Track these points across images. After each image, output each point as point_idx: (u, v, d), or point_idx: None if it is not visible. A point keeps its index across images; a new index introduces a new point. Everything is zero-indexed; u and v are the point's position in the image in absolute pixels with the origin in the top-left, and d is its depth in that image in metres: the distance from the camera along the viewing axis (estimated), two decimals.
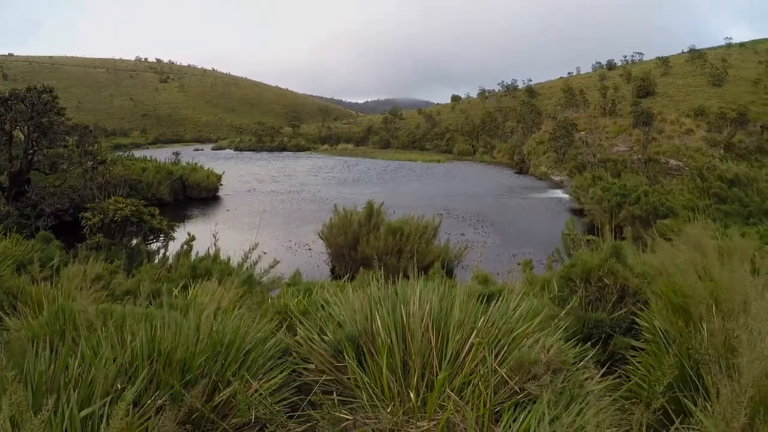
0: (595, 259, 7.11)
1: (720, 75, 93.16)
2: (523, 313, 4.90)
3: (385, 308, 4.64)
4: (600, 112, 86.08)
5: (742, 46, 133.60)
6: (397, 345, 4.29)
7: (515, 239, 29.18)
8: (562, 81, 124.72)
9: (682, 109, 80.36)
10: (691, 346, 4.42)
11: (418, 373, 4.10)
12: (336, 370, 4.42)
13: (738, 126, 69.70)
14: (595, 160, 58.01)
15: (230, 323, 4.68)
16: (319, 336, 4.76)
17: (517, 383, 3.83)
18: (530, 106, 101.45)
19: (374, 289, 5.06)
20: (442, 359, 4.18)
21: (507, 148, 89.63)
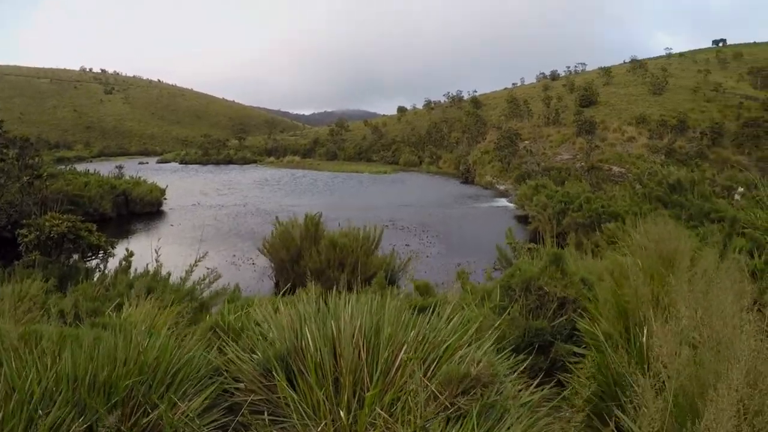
0: (534, 268, 7.13)
1: (660, 84, 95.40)
2: (455, 325, 4.88)
3: (315, 324, 4.59)
4: (544, 121, 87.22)
5: (681, 56, 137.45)
6: (327, 362, 4.23)
7: (460, 248, 29.26)
8: (507, 92, 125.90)
9: (624, 117, 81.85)
10: (618, 352, 4.46)
11: (349, 391, 4.05)
12: (266, 389, 4.35)
13: (678, 133, 71.32)
14: (539, 169, 58.66)
15: (159, 343, 4.58)
16: (249, 354, 4.70)
17: (447, 398, 3.80)
18: (475, 117, 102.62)
19: (305, 305, 5.01)
20: (373, 375, 4.14)
21: (453, 158, 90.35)
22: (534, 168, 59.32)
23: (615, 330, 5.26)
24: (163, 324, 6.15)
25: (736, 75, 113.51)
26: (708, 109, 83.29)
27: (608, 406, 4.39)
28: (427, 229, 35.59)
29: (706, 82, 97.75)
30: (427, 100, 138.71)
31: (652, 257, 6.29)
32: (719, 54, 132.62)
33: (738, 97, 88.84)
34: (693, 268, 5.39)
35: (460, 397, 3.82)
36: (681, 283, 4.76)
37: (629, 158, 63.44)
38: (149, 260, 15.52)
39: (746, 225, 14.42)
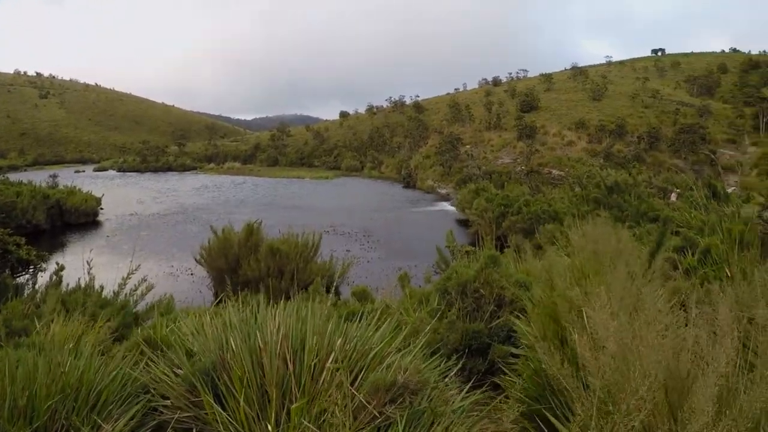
0: (471, 271, 7.13)
1: (600, 90, 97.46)
2: (384, 331, 4.84)
3: (241, 335, 4.51)
4: (485, 126, 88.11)
5: (621, 64, 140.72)
6: (253, 374, 4.16)
7: (402, 253, 29.38)
8: (449, 97, 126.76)
9: (564, 122, 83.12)
10: (550, 353, 4.47)
11: (276, 403, 3.96)
12: (194, 406, 4.24)
13: (617, 137, 72.81)
14: (480, 173, 59.10)
15: (82, 361, 4.46)
16: (174, 370, 4.60)
17: (375, 407, 3.76)
18: (417, 122, 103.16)
19: (231, 316, 4.92)
20: (301, 387, 4.09)
21: (395, 162, 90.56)
22: (475, 172, 59.74)
23: (549, 331, 5.29)
24: (90, 341, 6.00)
25: (674, 83, 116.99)
26: (646, 115, 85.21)
27: (541, 408, 4.39)
28: (368, 234, 35.65)
29: (645, 89, 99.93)
30: (370, 105, 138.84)
31: (589, 257, 6.35)
32: (658, 63, 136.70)
33: (675, 103, 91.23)
34: (628, 267, 5.43)
35: (389, 405, 3.76)
36: (612, 282, 4.79)
37: (569, 162, 64.48)
38: (83, 274, 15.13)
39: (681, 224, 14.66)
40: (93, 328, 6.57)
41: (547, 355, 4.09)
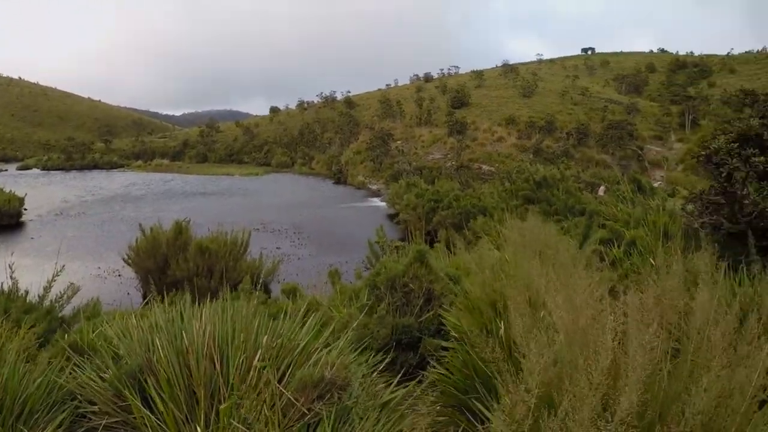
0: (399, 265, 7.17)
1: (530, 87, 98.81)
2: (310, 327, 4.84)
3: (167, 337, 4.46)
4: (416, 122, 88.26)
5: (551, 62, 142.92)
6: (180, 375, 4.11)
7: (333, 249, 29.35)
8: (381, 92, 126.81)
9: (494, 118, 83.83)
10: (477, 345, 4.53)
11: (205, 404, 3.94)
12: (122, 410, 4.18)
13: (546, 133, 73.79)
14: (410, 168, 59.29)
15: (7, 369, 4.36)
16: (100, 374, 4.53)
17: (303, 404, 3.76)
18: (348, 117, 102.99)
19: (157, 317, 4.86)
20: (229, 386, 4.07)
21: (325, 158, 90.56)
22: (406, 167, 59.95)
23: (477, 323, 5.36)
24: (14, 348, 5.87)
25: (603, 81, 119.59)
26: (575, 112, 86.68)
27: (469, 398, 4.44)
28: (299, 231, 35.50)
29: (574, 87, 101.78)
30: (301, 100, 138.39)
31: (518, 250, 6.44)
32: (587, 61, 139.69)
33: (603, 101, 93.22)
34: (555, 259, 5.52)
35: (317, 401, 3.77)
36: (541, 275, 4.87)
37: (498, 157, 65.24)
38: (5, 278, 14.67)
39: (608, 218, 14.93)
40: (17, 334, 6.44)
41: (480, 342, 4.17)
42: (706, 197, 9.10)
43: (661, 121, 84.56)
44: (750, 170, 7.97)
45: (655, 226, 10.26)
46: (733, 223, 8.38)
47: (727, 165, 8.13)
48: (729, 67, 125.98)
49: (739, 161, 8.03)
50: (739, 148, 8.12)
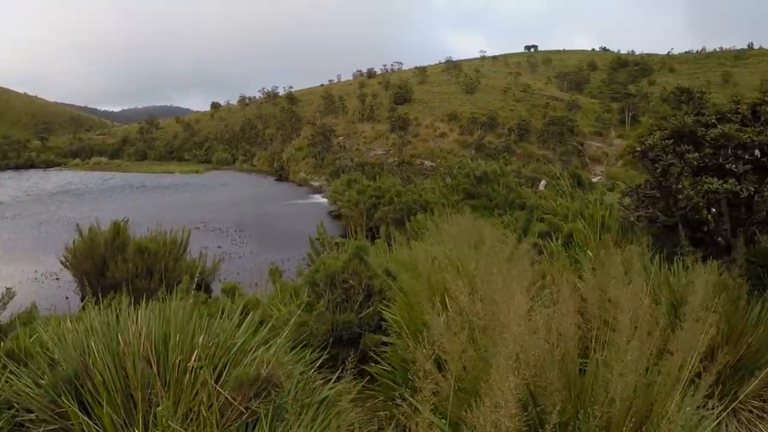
0: (339, 262, 7.18)
1: (473, 84, 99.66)
2: (247, 325, 4.82)
3: (103, 340, 4.39)
4: (359, 118, 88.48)
5: (495, 59, 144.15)
6: (117, 378, 4.06)
7: (274, 247, 29.15)
8: (323, 88, 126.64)
9: (437, 114, 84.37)
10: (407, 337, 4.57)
11: (143, 407, 3.90)
12: (59, 417, 4.11)
13: (488, 129, 74.58)
14: (352, 164, 59.34)
15: None
16: (36, 381, 4.44)
17: (241, 403, 3.75)
18: (290, 113, 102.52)
19: (93, 320, 4.78)
20: (166, 388, 4.02)
21: (267, 155, 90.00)
22: (348, 163, 59.99)
23: (416, 318, 5.41)
24: None
25: (545, 78, 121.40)
26: (517, 108, 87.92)
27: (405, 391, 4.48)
28: (240, 229, 35.26)
29: (517, 84, 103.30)
30: (242, 96, 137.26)
31: (458, 244, 6.51)
32: (530, 58, 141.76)
33: (545, 97, 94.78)
34: (493, 252, 5.59)
35: (255, 400, 3.76)
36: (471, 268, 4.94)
37: (440, 153, 65.70)
38: None
39: (548, 212, 15.13)
40: None
41: (405, 338, 4.19)
42: (642, 191, 9.30)
43: (601, 117, 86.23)
44: (684, 166, 8.15)
45: (592, 219, 10.47)
46: (668, 216, 8.57)
47: (662, 161, 8.31)
48: (669, 66, 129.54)
49: (673, 157, 8.20)
50: (673, 145, 8.29)
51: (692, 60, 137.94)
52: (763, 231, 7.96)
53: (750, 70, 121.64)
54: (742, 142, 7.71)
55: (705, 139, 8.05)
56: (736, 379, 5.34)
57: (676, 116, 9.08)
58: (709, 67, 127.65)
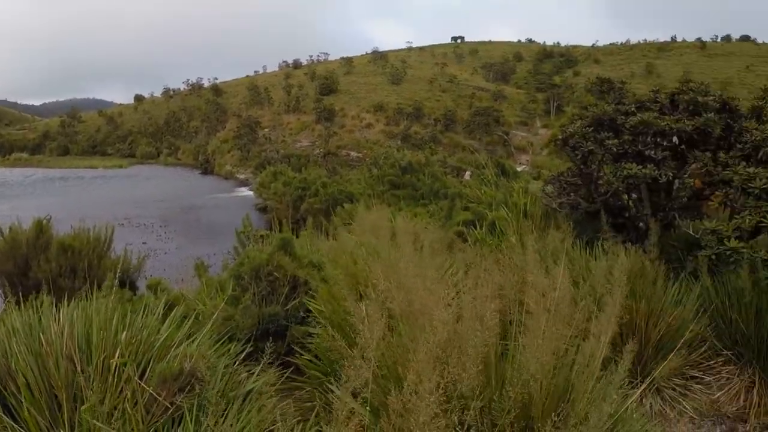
0: (263, 254, 7.16)
1: (399, 75, 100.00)
2: (171, 320, 4.78)
3: (25, 340, 4.31)
4: (284, 109, 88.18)
5: (421, 50, 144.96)
6: (41, 379, 3.99)
7: (200, 241, 28.91)
8: (249, 79, 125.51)
9: (363, 105, 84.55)
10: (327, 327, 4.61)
11: (68, 407, 3.84)
12: None
13: (414, 119, 74.94)
14: (278, 156, 59.13)
15: None
16: None
17: (166, 398, 3.71)
18: (215, 105, 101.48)
19: (14, 321, 4.69)
20: (91, 387, 3.96)
21: (192, 148, 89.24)
22: (274, 156, 59.76)
23: (336, 307, 5.45)
24: None
25: (471, 69, 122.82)
26: (443, 99, 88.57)
27: (329, 380, 4.50)
28: (165, 224, 34.85)
29: (443, 74, 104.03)
30: (166, 88, 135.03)
31: (381, 234, 6.54)
32: (457, 49, 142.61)
33: (471, 88, 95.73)
34: (416, 242, 5.65)
35: (179, 394, 3.73)
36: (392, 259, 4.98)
37: (367, 144, 65.88)
38: None
39: (473, 200, 15.27)
40: None
41: (329, 328, 4.21)
42: (564, 179, 9.50)
43: (527, 107, 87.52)
44: (605, 152, 8.34)
45: (516, 207, 10.64)
46: (589, 202, 8.77)
47: (582, 147, 8.48)
48: (594, 57, 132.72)
49: (594, 144, 8.39)
50: (594, 132, 8.48)
51: (616, 52, 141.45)
52: (683, 215, 8.17)
53: (672, 61, 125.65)
54: (660, 129, 7.94)
55: (625, 126, 8.26)
56: (658, 359, 5.50)
57: (597, 105, 9.28)
58: (633, 59, 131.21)
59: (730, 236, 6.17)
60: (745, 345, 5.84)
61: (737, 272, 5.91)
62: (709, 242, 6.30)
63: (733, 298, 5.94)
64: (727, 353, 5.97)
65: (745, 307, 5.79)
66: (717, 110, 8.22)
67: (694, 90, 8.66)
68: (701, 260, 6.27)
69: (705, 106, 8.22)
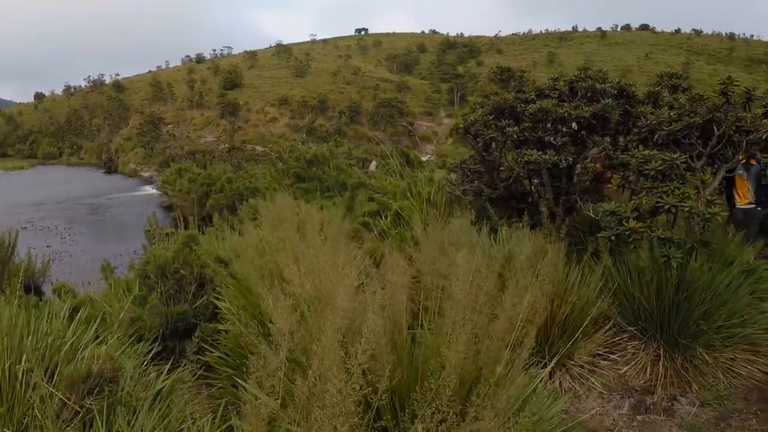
0: (168, 253, 7.09)
1: (303, 68, 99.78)
2: (79, 323, 4.71)
3: None
4: (188, 104, 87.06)
5: (325, 42, 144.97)
6: None
7: (107, 242, 28.27)
8: (151, 75, 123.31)
9: (267, 99, 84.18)
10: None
11: None
12: None
13: (319, 112, 74.91)
14: (183, 153, 58.40)
15: None
16: None
17: (75, 402, 3.66)
18: (118, 102, 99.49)
19: None
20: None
21: (95, 147, 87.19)
22: (178, 152, 58.97)
23: (242, 302, 5.45)
24: None
25: (375, 60, 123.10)
26: (347, 91, 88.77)
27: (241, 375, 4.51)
28: (70, 226, 33.91)
29: (347, 66, 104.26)
30: (67, 85, 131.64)
31: (286, 227, 6.55)
32: (361, 41, 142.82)
33: (375, 80, 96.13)
34: (321, 234, 5.67)
35: (89, 397, 3.68)
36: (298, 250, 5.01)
37: (272, 138, 65.74)
38: None
39: (378, 191, 15.35)
40: None
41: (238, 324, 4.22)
42: (467, 166, 9.67)
43: (431, 98, 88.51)
44: (506, 140, 8.52)
45: (420, 196, 10.75)
46: (492, 188, 8.94)
47: (483, 135, 8.65)
48: (497, 47, 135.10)
49: (495, 132, 8.55)
50: (495, 120, 8.65)
51: (519, 42, 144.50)
52: (585, 199, 8.39)
53: (574, 50, 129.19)
54: (560, 116, 8.16)
55: (525, 114, 8.46)
56: (565, 338, 5.66)
57: (498, 93, 9.46)
58: (535, 48, 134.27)
59: (628, 217, 6.37)
60: (648, 320, 6.14)
61: (637, 251, 6.11)
62: (608, 223, 6.50)
63: (634, 276, 6.23)
64: (632, 329, 6.27)
65: (645, 284, 6.09)
66: (614, 96, 8.56)
67: (592, 77, 8.95)
68: (602, 241, 6.48)
69: (603, 92, 8.52)
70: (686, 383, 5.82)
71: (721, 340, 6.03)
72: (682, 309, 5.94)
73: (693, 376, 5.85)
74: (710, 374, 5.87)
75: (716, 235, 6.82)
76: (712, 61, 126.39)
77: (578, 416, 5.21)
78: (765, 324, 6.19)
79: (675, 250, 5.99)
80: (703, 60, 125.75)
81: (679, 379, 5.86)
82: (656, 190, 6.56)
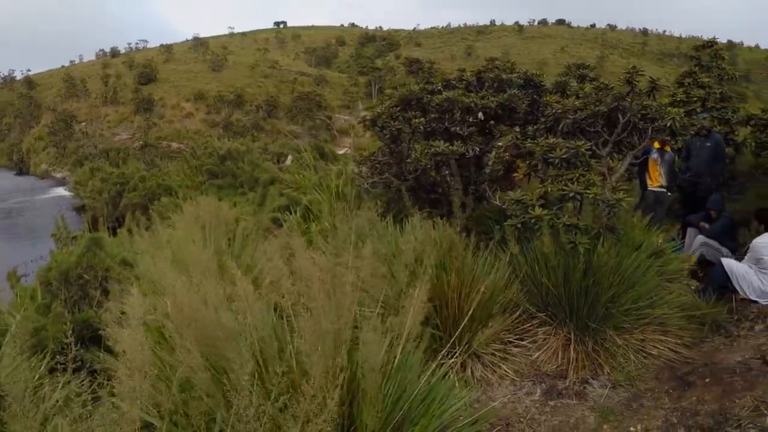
0: (71, 257, 6.86)
1: (220, 61, 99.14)
2: None
3: None
4: (102, 101, 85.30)
5: (243, 35, 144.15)
6: None
7: (15, 249, 27.58)
8: (64, 70, 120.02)
9: (183, 94, 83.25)
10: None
11: None
12: None
13: (236, 107, 74.50)
14: (97, 152, 57.38)
15: None
16: None
17: None
18: (29, 99, 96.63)
19: None
20: None
21: (5, 147, 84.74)
22: (92, 151, 57.92)
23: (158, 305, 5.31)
24: None
25: (293, 54, 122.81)
26: (265, 85, 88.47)
27: None
28: None
29: (265, 60, 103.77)
30: None
31: (194, 226, 6.39)
32: (279, 34, 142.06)
33: (293, 73, 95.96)
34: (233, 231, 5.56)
35: None
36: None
37: (188, 134, 65.03)
38: None
39: (291, 185, 15.27)
40: None
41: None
42: (376, 159, 9.62)
43: (349, 91, 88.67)
44: (413, 131, 8.48)
45: (329, 189, 10.71)
46: (401, 180, 8.90)
47: (390, 127, 8.60)
48: (415, 40, 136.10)
49: (402, 123, 8.51)
50: (401, 112, 8.61)
51: (437, 35, 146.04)
52: (494, 188, 8.41)
53: (492, 44, 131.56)
54: (466, 106, 8.16)
55: (431, 105, 8.42)
56: (475, 327, 5.64)
57: (404, 85, 9.45)
58: (453, 42, 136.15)
59: (534, 205, 6.41)
60: (557, 306, 6.29)
61: (541, 239, 6.14)
62: (514, 211, 6.60)
63: (541, 263, 6.36)
64: (541, 315, 6.41)
65: (552, 270, 6.23)
66: (522, 86, 8.69)
67: (499, 68, 9.05)
68: (508, 229, 6.50)
69: (510, 82, 8.58)
70: (598, 366, 5.94)
71: (631, 321, 6.18)
72: (591, 293, 6.06)
73: (604, 359, 5.98)
74: (621, 356, 6.01)
75: (623, 220, 6.94)
76: (626, 55, 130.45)
77: (489, 404, 5.18)
78: (674, 304, 6.38)
79: (582, 236, 6.10)
80: (617, 54, 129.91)
81: (591, 363, 5.97)
82: (562, 178, 6.62)
